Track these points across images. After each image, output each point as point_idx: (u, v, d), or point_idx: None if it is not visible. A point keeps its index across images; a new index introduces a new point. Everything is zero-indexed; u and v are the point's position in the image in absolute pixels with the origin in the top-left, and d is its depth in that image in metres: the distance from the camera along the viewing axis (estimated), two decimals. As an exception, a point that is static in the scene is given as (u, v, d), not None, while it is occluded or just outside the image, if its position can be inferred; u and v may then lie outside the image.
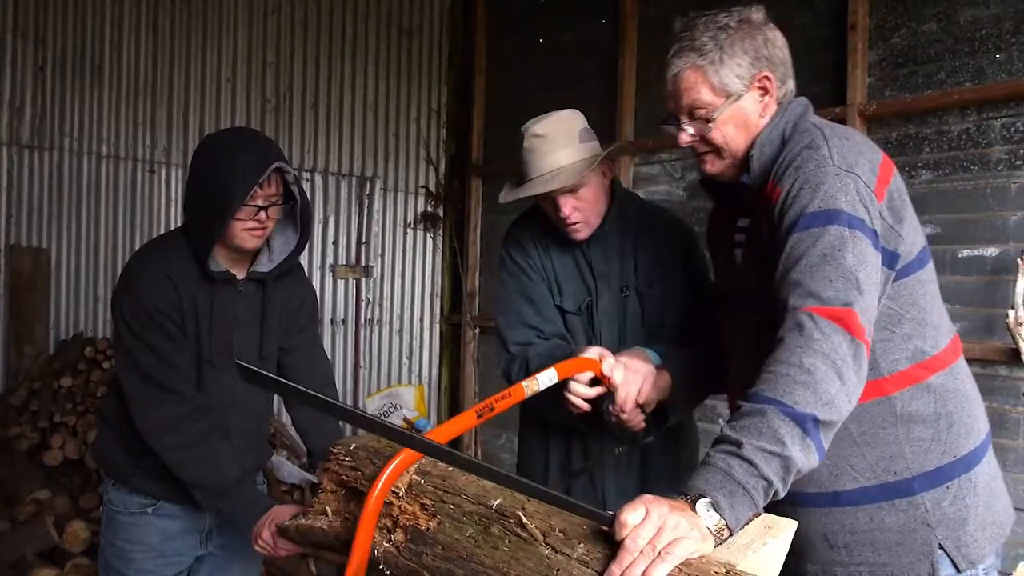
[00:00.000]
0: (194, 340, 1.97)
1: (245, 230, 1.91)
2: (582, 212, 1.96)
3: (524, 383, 1.55)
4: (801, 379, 1.19)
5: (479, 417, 1.36)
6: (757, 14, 1.54)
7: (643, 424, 1.80)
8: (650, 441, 1.90)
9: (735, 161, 1.55)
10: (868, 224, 1.34)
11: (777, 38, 1.54)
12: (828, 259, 1.30)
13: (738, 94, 1.50)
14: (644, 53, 4.40)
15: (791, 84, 1.56)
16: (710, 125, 1.51)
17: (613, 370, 1.71)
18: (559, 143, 1.93)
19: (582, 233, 1.99)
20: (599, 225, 2.01)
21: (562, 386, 1.72)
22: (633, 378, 1.73)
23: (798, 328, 1.25)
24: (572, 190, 1.92)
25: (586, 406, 1.78)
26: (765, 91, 1.52)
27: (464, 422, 1.40)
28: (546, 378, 1.60)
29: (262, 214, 1.91)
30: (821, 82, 3.53)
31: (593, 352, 1.74)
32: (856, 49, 3.46)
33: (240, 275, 2.03)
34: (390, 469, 1.21)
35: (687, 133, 1.55)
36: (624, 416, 1.75)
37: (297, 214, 2.04)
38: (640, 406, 1.76)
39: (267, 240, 2.03)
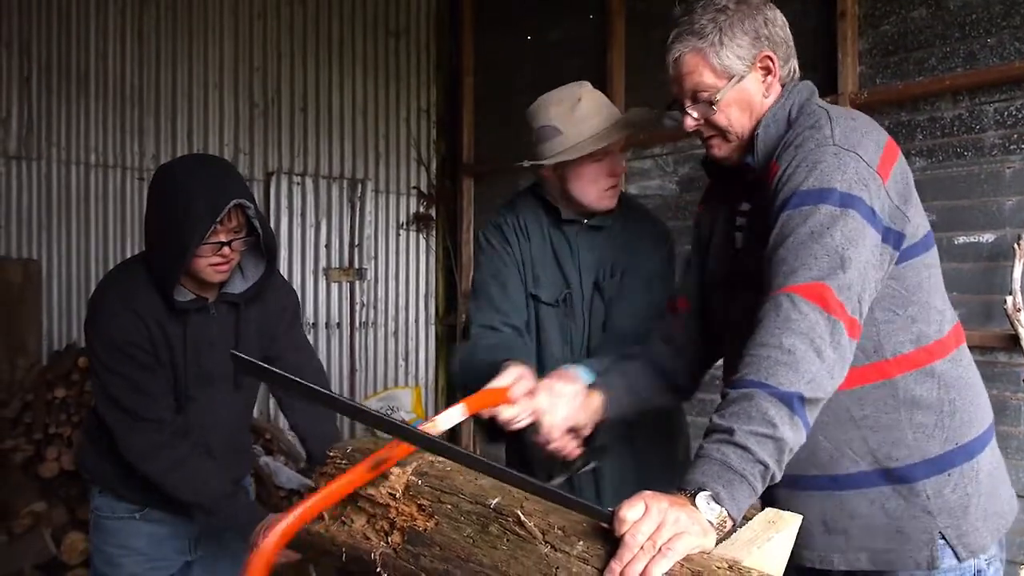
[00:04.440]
0: (169, 367, 1.96)
1: (210, 265, 1.89)
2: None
3: (422, 427, 1.35)
4: (783, 359, 1.18)
5: (373, 469, 1.21)
6: None
7: (577, 451, 1.63)
8: (591, 469, 1.72)
9: (741, 143, 1.54)
10: (866, 202, 1.32)
11: (777, 17, 1.52)
12: (815, 237, 1.28)
13: (740, 75, 1.48)
14: (632, 49, 4.38)
15: (794, 64, 1.54)
16: (713, 108, 1.50)
17: (536, 395, 1.55)
18: (608, 102, 2.03)
19: (615, 200, 2.00)
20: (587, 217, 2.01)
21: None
22: (557, 403, 1.55)
23: (776, 309, 1.24)
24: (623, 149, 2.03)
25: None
26: (768, 71, 1.50)
27: (357, 477, 1.21)
28: (447, 419, 1.39)
29: (225, 249, 1.88)
30: (811, 71, 3.49)
31: (511, 373, 1.57)
32: (846, 37, 3.45)
33: (211, 297, 2.01)
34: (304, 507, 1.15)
35: (692, 117, 1.53)
36: (553, 446, 1.58)
37: (262, 246, 2.00)
38: (573, 430, 1.59)
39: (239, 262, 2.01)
